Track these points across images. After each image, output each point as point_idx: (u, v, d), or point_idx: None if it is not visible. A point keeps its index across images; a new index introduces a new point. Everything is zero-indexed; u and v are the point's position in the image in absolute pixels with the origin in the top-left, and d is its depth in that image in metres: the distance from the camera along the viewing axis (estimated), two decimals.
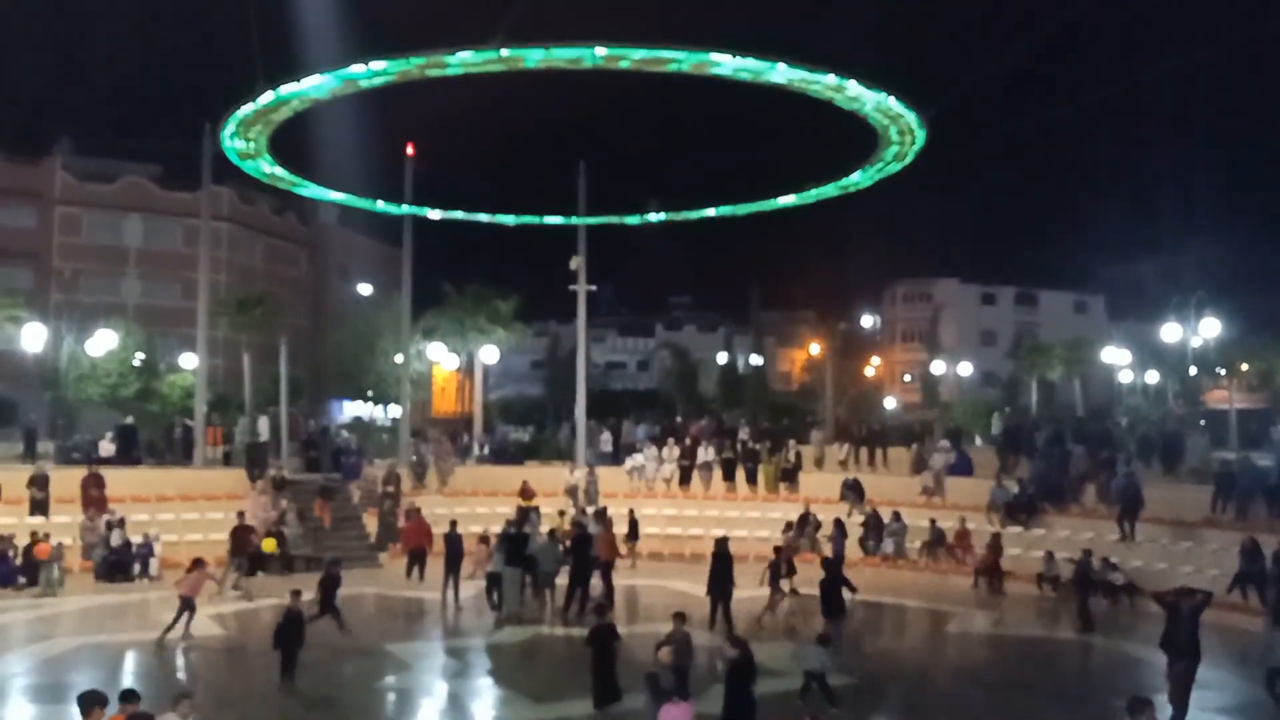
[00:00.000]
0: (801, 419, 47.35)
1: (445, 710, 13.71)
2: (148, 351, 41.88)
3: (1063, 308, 75.06)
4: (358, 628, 18.19)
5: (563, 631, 18.18)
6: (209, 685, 13.92)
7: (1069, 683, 15.36)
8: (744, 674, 11.02)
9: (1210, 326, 38.44)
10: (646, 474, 30.24)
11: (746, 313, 76.41)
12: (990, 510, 25.67)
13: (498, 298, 40.50)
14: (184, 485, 26.67)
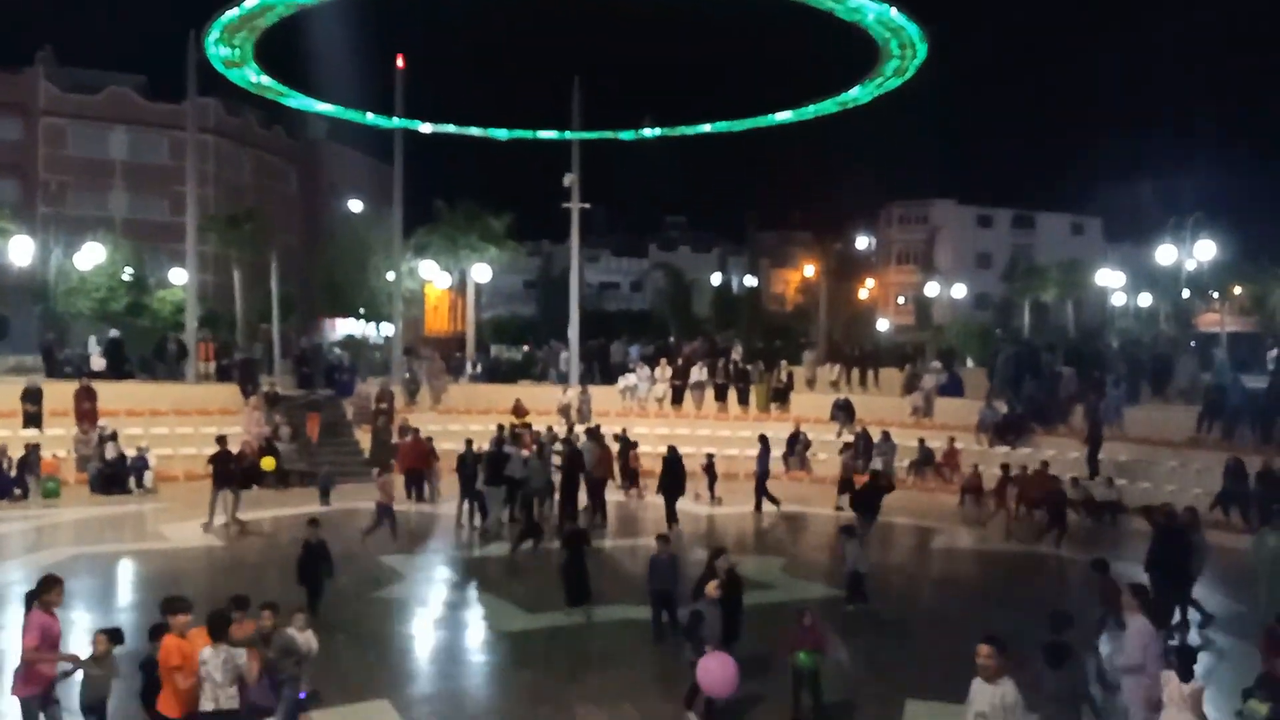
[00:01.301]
0: (795, 340, 47.49)
1: (439, 620, 13.94)
2: (136, 266, 41.63)
3: (1059, 230, 74.70)
4: (351, 541, 18.45)
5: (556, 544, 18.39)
6: (208, 594, 14.10)
7: (1051, 597, 15.63)
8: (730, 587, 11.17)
9: (1205, 249, 38.37)
10: (639, 394, 30.39)
11: (742, 233, 76.05)
12: (979, 431, 25.92)
13: (490, 215, 40.21)
14: (177, 400, 26.77)
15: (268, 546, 18.29)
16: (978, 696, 6.70)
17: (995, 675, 6.64)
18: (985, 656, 6.71)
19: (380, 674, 11.20)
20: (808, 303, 59.58)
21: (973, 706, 6.68)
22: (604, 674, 11.41)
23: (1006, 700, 6.51)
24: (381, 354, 38.92)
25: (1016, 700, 6.57)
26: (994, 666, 6.66)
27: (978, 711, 6.59)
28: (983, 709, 6.56)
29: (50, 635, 8.01)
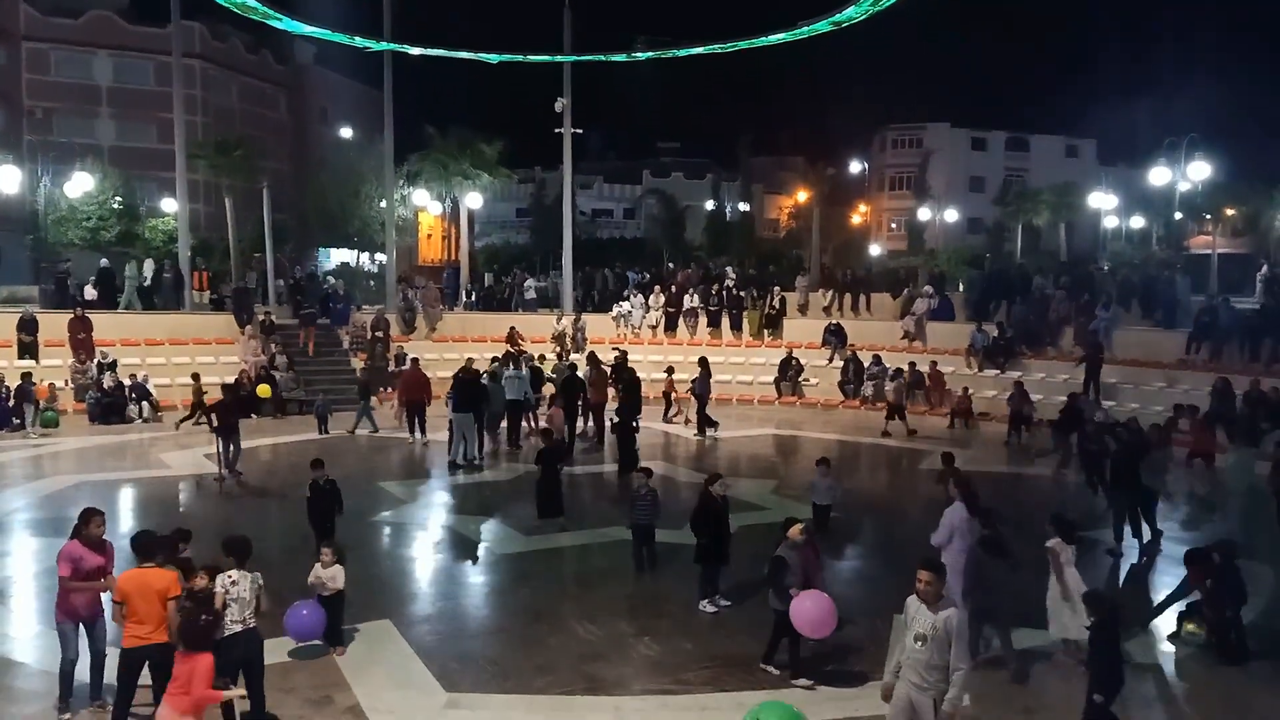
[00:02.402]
0: (787, 266, 47.46)
1: (438, 543, 14.23)
2: (126, 195, 41.30)
3: (1053, 153, 74.15)
4: (351, 466, 18.73)
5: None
6: (212, 520, 14.38)
7: (1037, 516, 15.97)
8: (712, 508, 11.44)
9: (1199, 170, 38.24)
10: (633, 321, 30.52)
11: (735, 159, 75.33)
12: (969, 354, 26.16)
13: (482, 142, 39.79)
14: (173, 329, 26.84)
15: (267, 474, 18.56)
16: (918, 617, 6.73)
17: (935, 599, 6.69)
18: (925, 582, 6.73)
19: (381, 595, 11.49)
20: (800, 229, 59.32)
21: (912, 628, 6.73)
22: (600, 592, 11.71)
23: (950, 624, 6.58)
24: (376, 283, 38.88)
25: (962, 622, 6.67)
26: (934, 591, 6.70)
27: (918, 633, 6.66)
28: (924, 631, 6.64)
29: (81, 567, 8.14)
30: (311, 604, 9.39)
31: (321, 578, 9.53)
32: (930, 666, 6.59)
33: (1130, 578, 13.03)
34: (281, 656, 9.38)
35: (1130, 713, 8.75)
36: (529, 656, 9.75)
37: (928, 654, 6.60)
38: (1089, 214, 57.64)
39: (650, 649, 9.97)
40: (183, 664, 6.80)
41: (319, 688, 8.89)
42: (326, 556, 9.65)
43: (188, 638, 6.88)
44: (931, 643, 6.59)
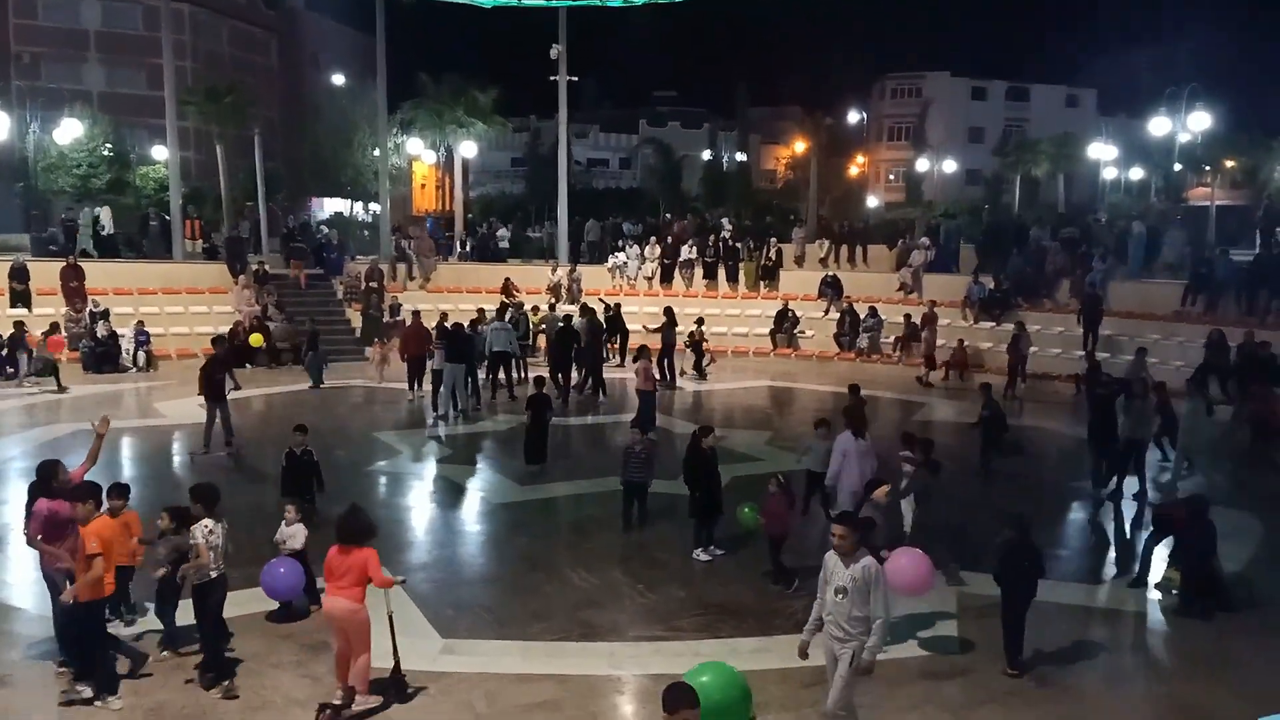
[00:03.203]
0: (784, 217, 47.21)
1: (434, 492, 14.30)
2: (116, 142, 40.84)
3: (1054, 103, 73.46)
4: (345, 417, 18.77)
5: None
6: (201, 470, 14.43)
7: (1029, 467, 16.09)
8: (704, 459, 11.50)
9: (1199, 120, 37.94)
10: (628, 272, 30.39)
11: (732, 108, 74.63)
12: (965, 306, 26.12)
13: (476, 89, 39.28)
14: (166, 278, 26.68)
15: (262, 424, 18.58)
16: (836, 571, 6.80)
17: (852, 551, 6.78)
18: (840, 536, 6.82)
19: (377, 543, 11.50)
20: (797, 179, 58.91)
21: (832, 582, 6.79)
22: (595, 541, 11.79)
23: (869, 574, 6.69)
24: (370, 232, 38.64)
25: (878, 572, 6.76)
26: (849, 545, 6.78)
27: (838, 587, 6.73)
28: (843, 584, 6.70)
29: (58, 519, 8.08)
30: (288, 561, 9.15)
31: (282, 535, 9.43)
32: (852, 619, 6.69)
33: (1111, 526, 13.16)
34: (275, 604, 9.48)
35: (1091, 655, 8.89)
36: (524, 604, 9.83)
37: (849, 606, 6.69)
38: (1088, 165, 57.29)
39: (645, 596, 10.06)
40: (345, 559, 7.46)
41: (317, 633, 8.96)
42: (290, 514, 9.53)
43: (352, 534, 7.58)
44: (852, 594, 6.67)
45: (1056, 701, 7.99)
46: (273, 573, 8.96)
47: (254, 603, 9.16)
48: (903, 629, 9.22)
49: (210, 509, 8.07)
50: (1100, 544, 12.72)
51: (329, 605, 7.60)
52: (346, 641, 7.51)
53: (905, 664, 8.57)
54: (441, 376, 18.94)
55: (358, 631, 7.48)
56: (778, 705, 7.76)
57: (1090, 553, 12.37)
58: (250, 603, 9.13)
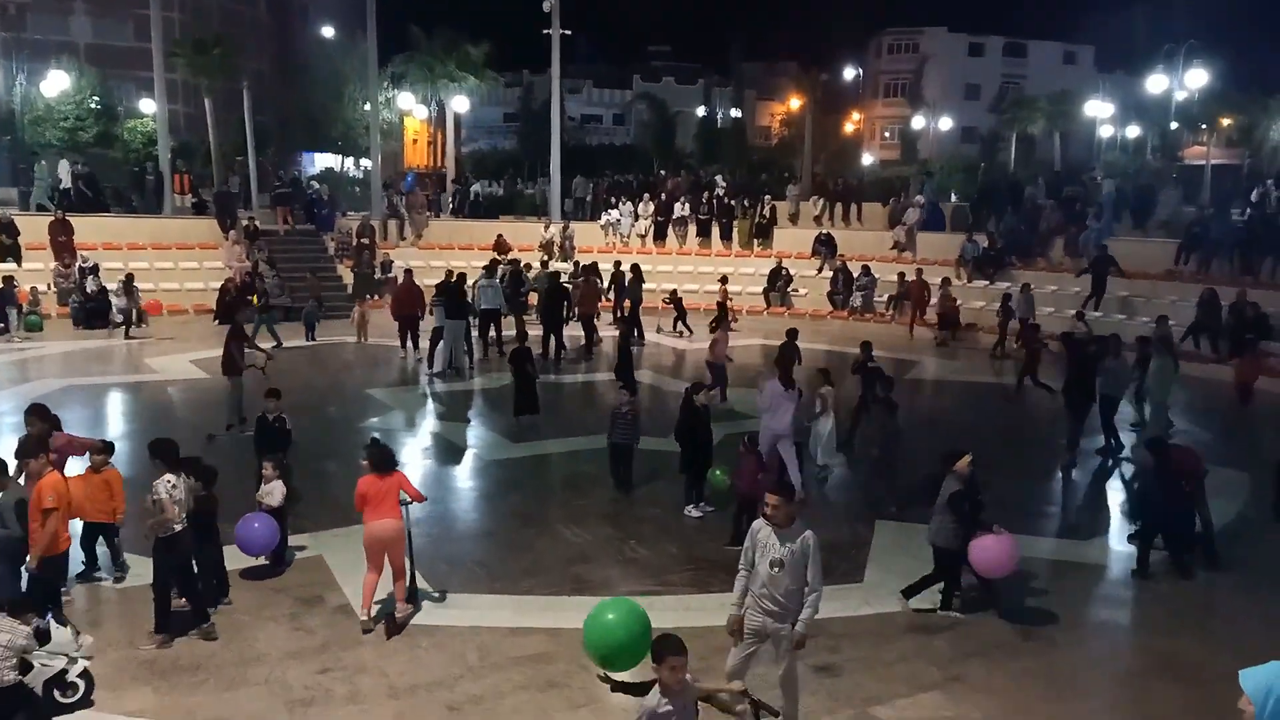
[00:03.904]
0: (779, 174, 46.97)
1: (427, 449, 14.33)
2: (103, 95, 40.36)
3: (1051, 59, 72.87)
4: (338, 373, 18.75)
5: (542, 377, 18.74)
6: (199, 425, 14.43)
7: (1022, 425, 16.18)
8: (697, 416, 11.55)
9: (1196, 78, 37.70)
10: (622, 229, 30.27)
11: (727, 64, 73.89)
12: (959, 265, 26.10)
13: (468, 43, 38.84)
14: (155, 233, 26.52)
15: (256, 380, 18.53)
16: (770, 543, 6.40)
17: (788, 523, 6.41)
18: (773, 506, 6.44)
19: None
20: (792, 136, 58.53)
21: (767, 554, 6.38)
22: (588, 498, 11.84)
23: (807, 545, 6.35)
24: (361, 188, 38.35)
25: (814, 543, 6.40)
26: (783, 515, 6.41)
27: (774, 559, 6.35)
28: (780, 556, 6.35)
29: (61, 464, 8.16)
30: (263, 517, 9.18)
31: (261, 493, 9.44)
32: (788, 591, 6.37)
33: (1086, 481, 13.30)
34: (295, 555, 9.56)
35: (1077, 610, 9.02)
36: (517, 559, 9.90)
37: (785, 579, 6.35)
38: (1085, 123, 56.96)
39: (636, 552, 10.14)
40: (383, 484, 8.24)
41: (310, 586, 9.03)
42: (267, 470, 9.53)
43: (387, 461, 8.48)
44: (789, 567, 6.34)
45: (1042, 654, 8.11)
46: (247, 528, 9.01)
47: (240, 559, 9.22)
48: (892, 585, 9.33)
49: (170, 464, 8.11)
50: (1083, 499, 12.83)
51: (379, 528, 8.16)
52: (382, 562, 8.24)
53: (894, 619, 8.67)
54: (440, 334, 18.92)
55: (401, 546, 8.33)
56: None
57: (1074, 509, 12.48)
58: (239, 559, 9.18)
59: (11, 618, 6.37)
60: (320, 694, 7.21)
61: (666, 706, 4.96)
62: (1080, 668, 7.96)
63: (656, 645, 5.13)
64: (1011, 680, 7.63)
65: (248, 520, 9.08)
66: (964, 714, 7.10)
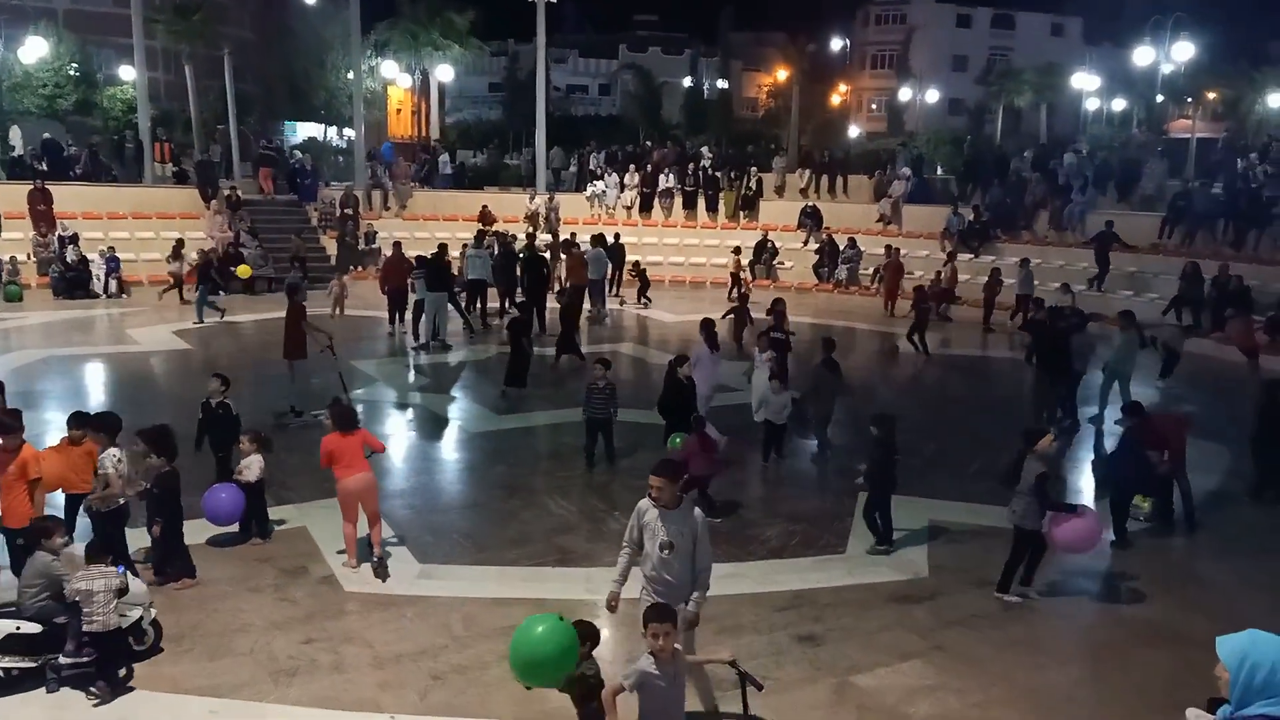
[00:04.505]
0: (765, 146, 46.79)
1: (411, 421, 14.31)
2: (82, 61, 39.80)
3: (1039, 31, 72.57)
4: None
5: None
6: (179, 396, 14.35)
7: (1002, 397, 16.27)
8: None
9: (1183, 50, 37.66)
10: (607, 201, 30.13)
11: (714, 34, 73.41)
12: (944, 237, 26.11)
13: (452, 11, 38.45)
14: (136, 203, 26.24)
15: (238, 350, 18.46)
16: (658, 526, 6.16)
17: (674, 503, 6.17)
18: (657, 488, 6.15)
19: None
20: (779, 108, 58.27)
21: (656, 536, 6.15)
22: (573, 469, 11.85)
23: (695, 525, 6.14)
24: (344, 158, 38.01)
25: (704, 522, 6.23)
26: (669, 496, 6.14)
27: (663, 542, 6.12)
28: (669, 539, 6.12)
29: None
30: (230, 487, 9.16)
31: (239, 466, 9.37)
32: (680, 573, 6.17)
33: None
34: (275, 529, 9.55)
35: (1058, 578, 9.10)
36: (502, 530, 9.91)
37: (675, 561, 6.15)
38: (1071, 95, 56.93)
39: (620, 523, 10.09)
40: (350, 440, 8.70)
41: (294, 558, 9.03)
42: (244, 444, 9.42)
43: (352, 419, 8.96)
44: (679, 549, 6.13)
45: (1023, 622, 8.19)
46: (213, 498, 8.99)
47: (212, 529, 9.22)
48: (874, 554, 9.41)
49: (113, 438, 8.16)
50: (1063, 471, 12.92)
51: (356, 482, 8.62)
52: (358, 514, 8.74)
53: (876, 589, 8.73)
54: (422, 306, 18.79)
55: (374, 496, 8.86)
56: (750, 628, 7.91)
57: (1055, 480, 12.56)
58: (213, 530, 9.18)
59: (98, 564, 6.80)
60: (305, 663, 7.22)
61: (655, 670, 4.99)
62: (1061, 636, 8.05)
63: (643, 615, 5.14)
64: (993, 649, 7.71)
65: (215, 490, 9.09)
66: (945, 682, 7.17)
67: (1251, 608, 8.35)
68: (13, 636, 6.63)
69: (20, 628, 6.67)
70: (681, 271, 27.17)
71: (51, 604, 6.80)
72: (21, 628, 6.67)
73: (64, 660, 6.69)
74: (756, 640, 7.72)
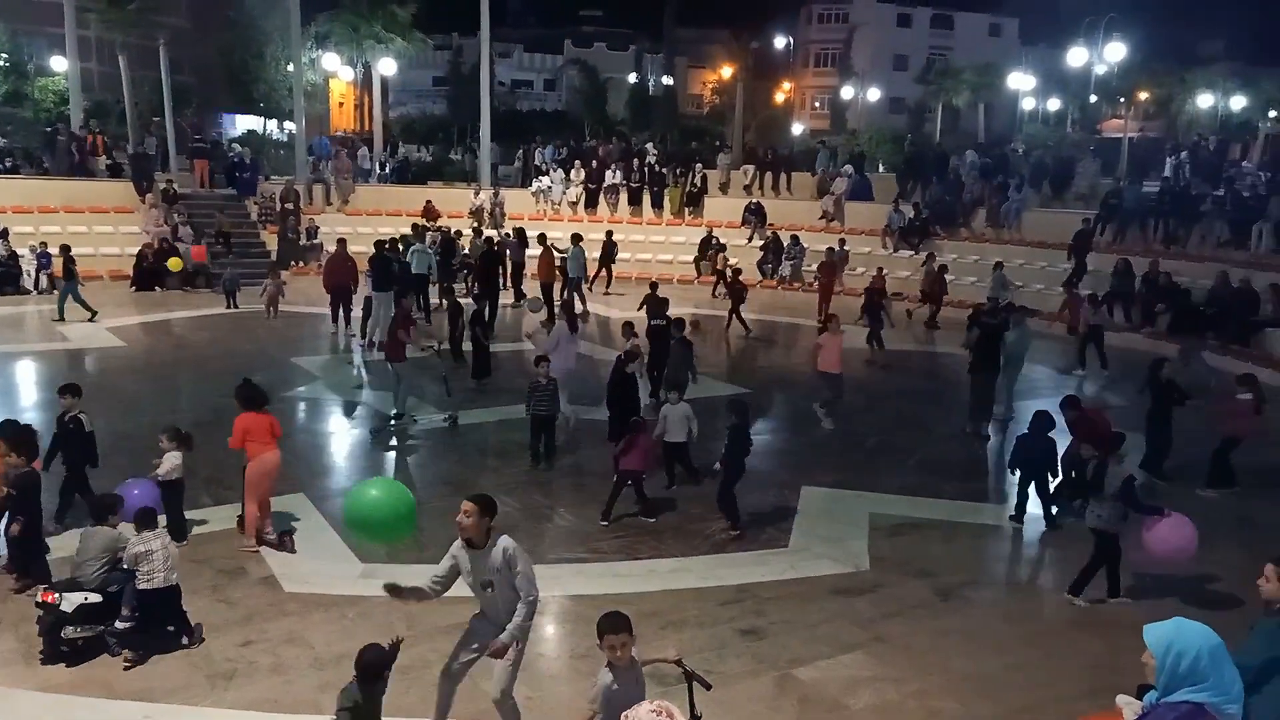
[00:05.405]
0: (710, 143, 47.00)
1: (354, 418, 14.15)
2: (12, 51, 38.72)
3: (977, 31, 73.85)
4: (264, 342, 18.35)
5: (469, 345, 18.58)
6: (113, 395, 14.06)
7: (945, 390, 16.53)
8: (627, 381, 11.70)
9: (1115, 51, 38.56)
10: (552, 196, 30.03)
11: (659, 30, 73.40)
12: (885, 234, 26.47)
13: (395, 4, 37.95)
14: (69, 196, 25.54)
15: (173, 347, 18.12)
16: (475, 564, 5.84)
17: (481, 535, 5.80)
18: (466, 513, 5.81)
19: (294, 469, 11.39)
20: (723, 105, 58.59)
21: (476, 575, 5.85)
22: (518, 466, 11.81)
23: (510, 557, 5.76)
24: (285, 152, 37.38)
25: (516, 552, 5.81)
26: (474, 524, 5.79)
27: (483, 581, 5.82)
28: (488, 578, 5.80)
29: None
30: (144, 483, 8.94)
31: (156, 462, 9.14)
32: (508, 605, 5.84)
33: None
34: (193, 529, 9.37)
35: (992, 570, 9.30)
36: (445, 528, 9.70)
37: (497, 598, 5.86)
38: (1008, 95, 58.03)
39: (565, 519, 10.18)
40: (262, 420, 9.01)
41: (232, 558, 8.90)
42: (163, 442, 9.16)
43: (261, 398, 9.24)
44: (499, 586, 5.81)
45: (960, 613, 8.36)
46: (126, 493, 8.61)
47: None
48: (819, 547, 9.53)
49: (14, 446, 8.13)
50: (994, 466, 13.11)
51: (272, 457, 8.97)
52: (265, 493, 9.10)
53: (818, 581, 8.85)
54: (370, 304, 18.45)
55: (276, 474, 9.21)
56: (694, 623, 7.97)
57: (988, 474, 12.80)
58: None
59: (146, 529, 7.38)
60: (243, 666, 7.13)
61: (616, 684, 4.93)
62: (996, 625, 8.23)
63: (598, 625, 5.03)
64: (931, 639, 7.86)
65: (127, 486, 8.84)
66: (885, 673, 7.30)
67: (1179, 595, 8.61)
68: (82, 608, 7.13)
69: (88, 599, 7.18)
70: (628, 268, 27.15)
71: (110, 574, 7.35)
72: (88, 598, 7.19)
73: (119, 625, 7.23)
74: (700, 634, 7.78)
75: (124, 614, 7.23)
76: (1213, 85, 54.93)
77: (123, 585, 7.28)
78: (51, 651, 7.09)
